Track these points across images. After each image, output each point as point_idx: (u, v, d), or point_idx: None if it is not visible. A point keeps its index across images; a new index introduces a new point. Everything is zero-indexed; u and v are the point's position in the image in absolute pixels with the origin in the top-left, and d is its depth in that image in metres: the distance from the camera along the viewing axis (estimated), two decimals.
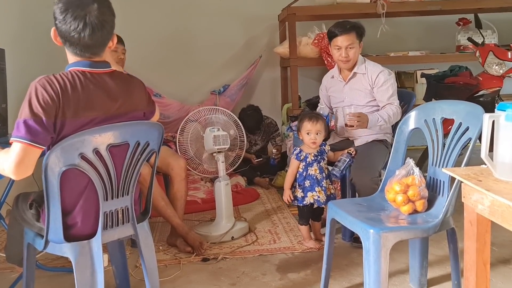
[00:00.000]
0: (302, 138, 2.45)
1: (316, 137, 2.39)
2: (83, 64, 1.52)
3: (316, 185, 2.40)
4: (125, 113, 1.58)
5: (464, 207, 1.34)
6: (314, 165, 2.42)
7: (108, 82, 1.55)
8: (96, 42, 1.50)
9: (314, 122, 2.39)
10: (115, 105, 1.55)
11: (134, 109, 1.61)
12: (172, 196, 2.59)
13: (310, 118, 2.41)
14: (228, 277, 2.21)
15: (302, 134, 2.43)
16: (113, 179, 1.54)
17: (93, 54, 1.53)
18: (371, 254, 1.58)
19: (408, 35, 4.71)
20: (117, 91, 1.56)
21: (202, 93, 4.59)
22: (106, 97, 1.53)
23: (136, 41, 4.30)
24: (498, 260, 2.23)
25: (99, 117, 1.50)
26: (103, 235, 1.57)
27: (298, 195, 2.44)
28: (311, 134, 2.39)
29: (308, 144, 2.42)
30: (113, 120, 1.53)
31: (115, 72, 1.60)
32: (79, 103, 1.46)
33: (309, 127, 2.39)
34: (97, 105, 1.50)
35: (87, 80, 1.50)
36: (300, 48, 3.99)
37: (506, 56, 3.21)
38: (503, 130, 1.25)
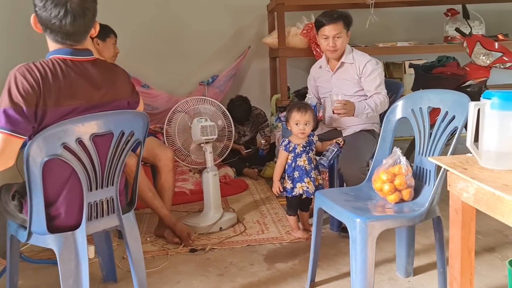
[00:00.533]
0: (291, 128, 2.43)
1: (305, 127, 2.38)
2: (65, 52, 1.49)
3: (305, 176, 2.39)
4: (109, 102, 1.55)
5: (450, 195, 1.34)
6: (302, 156, 2.41)
7: (91, 70, 1.52)
8: (77, 30, 1.47)
9: (303, 112, 2.38)
10: (98, 94, 1.52)
11: (118, 98, 1.59)
12: (160, 187, 2.57)
13: (299, 109, 2.39)
14: (216, 267, 2.21)
15: (291, 124, 2.42)
16: (97, 169, 1.52)
17: (75, 41, 1.50)
18: (358, 243, 1.58)
19: (397, 25, 4.72)
20: (100, 80, 1.53)
21: (191, 84, 4.55)
22: (88, 85, 1.50)
23: (123, 31, 4.20)
24: (483, 248, 2.26)
25: (82, 106, 1.47)
26: (88, 226, 1.55)
27: (287, 186, 2.43)
28: (300, 124, 2.38)
29: (297, 135, 2.41)
30: (96, 109, 1.51)
31: (98, 60, 1.57)
32: (61, 92, 1.43)
33: (297, 117, 2.38)
34: (79, 93, 1.47)
35: (68, 68, 1.47)
36: (289, 39, 3.97)
37: (493, 46, 3.22)
38: (488, 118, 1.25)
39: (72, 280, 1.53)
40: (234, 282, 2.06)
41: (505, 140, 1.23)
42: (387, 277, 2.04)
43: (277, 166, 2.48)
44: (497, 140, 1.24)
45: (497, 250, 2.24)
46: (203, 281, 2.09)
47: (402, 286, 1.97)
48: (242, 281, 2.07)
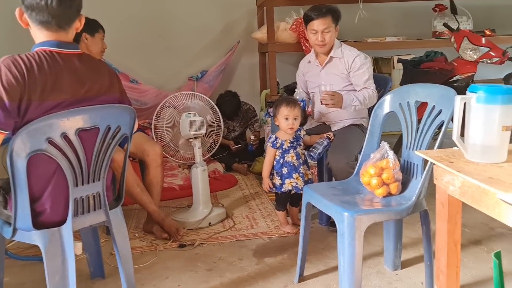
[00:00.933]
0: (279, 123, 2.41)
1: (293, 122, 2.37)
2: (51, 44, 1.47)
3: (294, 172, 2.39)
4: (95, 97, 1.53)
5: (436, 188, 1.35)
6: (290, 152, 2.40)
7: (77, 64, 1.50)
8: (63, 13, 1.46)
9: (291, 107, 2.36)
10: (84, 88, 1.50)
11: (104, 92, 1.57)
12: (148, 182, 2.55)
13: (287, 103, 2.38)
14: (205, 262, 2.20)
15: (279, 119, 2.40)
16: (83, 164, 1.50)
17: (60, 26, 1.48)
18: (346, 237, 1.59)
19: (386, 21, 4.73)
20: (86, 74, 1.52)
21: (180, 79, 4.52)
22: (74, 79, 1.48)
23: (111, 25, 4.16)
24: (470, 241, 2.28)
25: (67, 100, 1.45)
26: (74, 222, 1.54)
27: (276, 182, 2.43)
28: (289, 119, 2.36)
29: (285, 130, 2.40)
30: (82, 103, 1.49)
31: (84, 55, 1.55)
32: (46, 85, 1.41)
33: (286, 112, 2.36)
34: (65, 87, 1.45)
35: (54, 61, 1.45)
36: (278, 34, 3.96)
37: (480, 41, 3.25)
38: (474, 112, 1.26)
39: (59, 276, 1.51)
40: (223, 277, 2.06)
41: (490, 133, 1.24)
42: (375, 271, 2.05)
43: (265, 162, 2.47)
44: (483, 133, 1.25)
45: (483, 243, 2.27)
46: (192, 276, 2.08)
47: (390, 279, 1.98)
48: (231, 276, 2.07)
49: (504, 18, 4.84)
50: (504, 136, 1.25)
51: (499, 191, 1.03)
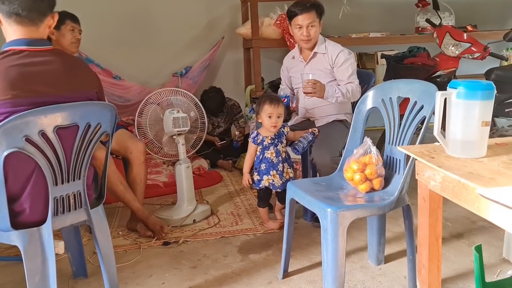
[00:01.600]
0: (262, 121, 2.39)
1: (277, 120, 2.35)
2: (21, 42, 1.44)
3: (272, 169, 2.38)
4: (72, 92, 1.50)
5: (418, 184, 1.36)
6: (270, 149, 2.39)
7: (49, 61, 1.47)
8: (34, 4, 1.43)
9: (275, 105, 2.34)
10: (57, 85, 1.47)
11: (80, 88, 1.54)
12: (132, 180, 2.52)
13: (271, 101, 2.35)
14: (189, 260, 2.19)
15: (262, 117, 2.37)
16: (62, 163, 1.48)
17: (31, 20, 1.45)
18: (329, 233, 1.59)
19: (369, 16, 4.75)
20: (60, 70, 1.48)
21: (164, 75, 4.48)
22: (47, 76, 1.45)
23: (94, 20, 4.13)
24: (452, 235, 2.31)
25: (40, 98, 1.42)
26: (54, 221, 1.51)
27: (255, 178, 2.43)
28: (272, 117, 2.33)
29: (268, 128, 2.37)
30: (57, 100, 1.45)
31: (56, 51, 1.52)
32: (17, 83, 1.37)
33: (270, 110, 2.33)
34: (37, 84, 1.42)
35: (25, 58, 1.41)
36: (263, 29, 3.94)
37: (462, 37, 3.28)
38: (454, 107, 1.27)
39: (39, 277, 1.49)
40: (207, 274, 2.05)
41: (470, 129, 1.26)
42: (359, 265, 2.07)
43: (246, 158, 2.47)
44: (463, 129, 1.26)
45: (465, 236, 2.30)
46: (176, 274, 2.07)
47: (373, 273, 2.00)
48: (215, 273, 2.06)
49: (485, 14, 4.90)
50: (483, 131, 1.26)
51: (478, 186, 1.04)
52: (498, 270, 1.94)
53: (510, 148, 1.35)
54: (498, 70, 3.39)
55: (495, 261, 2.04)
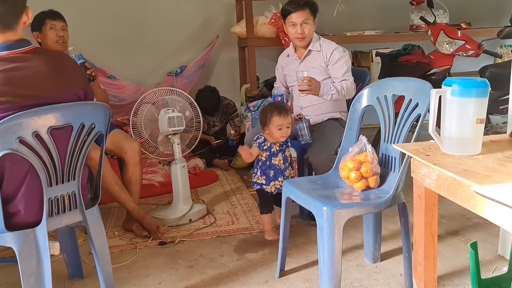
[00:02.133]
0: (269, 133, 2.22)
1: (287, 130, 2.21)
2: (1, 48, 1.43)
3: (280, 175, 2.27)
4: (60, 92, 1.49)
5: (413, 181, 1.37)
6: (278, 156, 2.26)
7: (33, 62, 1.45)
8: (7, 11, 1.42)
9: (284, 116, 2.18)
10: (45, 86, 1.45)
11: (68, 86, 1.53)
12: (127, 180, 2.52)
13: (279, 112, 2.18)
14: (186, 259, 2.19)
15: (271, 129, 2.20)
16: (56, 163, 1.47)
17: (6, 26, 1.43)
18: (325, 231, 1.59)
19: (364, 14, 4.75)
20: (45, 70, 1.47)
21: (159, 75, 4.47)
22: (33, 79, 1.43)
23: (88, 20, 4.12)
24: (447, 232, 2.32)
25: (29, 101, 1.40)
26: (49, 222, 1.50)
27: (260, 181, 2.28)
28: (283, 128, 2.18)
29: (278, 139, 2.23)
30: (46, 102, 1.44)
31: (37, 49, 1.51)
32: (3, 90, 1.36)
33: (280, 122, 2.17)
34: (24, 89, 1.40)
35: (8, 64, 1.40)
36: (257, 28, 3.94)
37: (456, 35, 3.29)
38: (449, 105, 1.27)
39: (34, 278, 1.48)
40: (203, 274, 2.05)
41: (465, 126, 1.26)
42: (355, 264, 2.07)
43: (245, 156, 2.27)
44: (458, 126, 1.27)
45: (461, 234, 2.31)
46: (172, 273, 2.07)
47: (370, 271, 2.00)
48: (212, 272, 2.06)
49: (479, 11, 4.92)
50: (478, 128, 1.27)
51: (473, 184, 1.04)
52: (493, 267, 1.95)
53: (505, 145, 1.35)
54: (492, 67, 3.41)
55: (491, 257, 2.04)
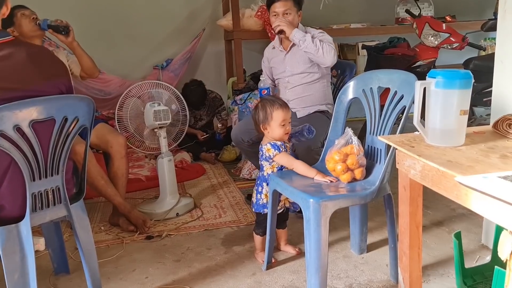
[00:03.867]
0: (271, 131, 1.94)
1: (289, 127, 1.96)
2: None
3: None
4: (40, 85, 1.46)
5: (399, 173, 1.38)
6: None
7: (12, 54, 1.42)
8: None
9: (287, 109, 1.94)
10: (25, 78, 1.43)
11: (49, 79, 1.50)
12: (113, 174, 2.49)
13: (281, 105, 1.93)
14: (173, 253, 2.18)
15: (273, 126, 1.92)
16: (39, 158, 1.45)
17: None
18: (311, 223, 1.60)
19: (350, 7, 4.75)
20: (24, 62, 1.44)
21: (144, 68, 4.42)
22: (12, 71, 1.41)
23: (72, 12, 4.04)
24: (432, 222, 2.35)
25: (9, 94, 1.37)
26: (33, 217, 1.48)
27: (266, 200, 1.95)
28: (286, 124, 1.93)
29: (281, 137, 1.95)
30: (27, 94, 1.41)
31: (16, 41, 1.48)
32: None
33: (284, 115, 1.91)
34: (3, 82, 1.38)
35: None
36: (244, 21, 3.92)
37: (441, 27, 3.31)
38: (434, 96, 1.28)
39: (18, 274, 1.46)
40: (191, 267, 2.04)
41: (449, 117, 1.27)
42: (341, 255, 2.09)
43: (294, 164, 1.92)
44: (442, 118, 1.28)
45: (445, 224, 2.34)
46: (160, 268, 2.06)
47: (356, 262, 2.02)
48: (199, 266, 2.06)
49: (463, 4, 4.96)
50: (462, 120, 1.28)
51: (457, 174, 1.05)
52: (477, 256, 1.98)
53: (487, 136, 1.37)
54: (476, 60, 3.44)
55: (474, 247, 2.08)
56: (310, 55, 2.44)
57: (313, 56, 2.44)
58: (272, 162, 1.95)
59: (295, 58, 2.54)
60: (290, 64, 2.56)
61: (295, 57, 2.55)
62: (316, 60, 2.45)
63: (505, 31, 1.84)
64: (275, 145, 1.92)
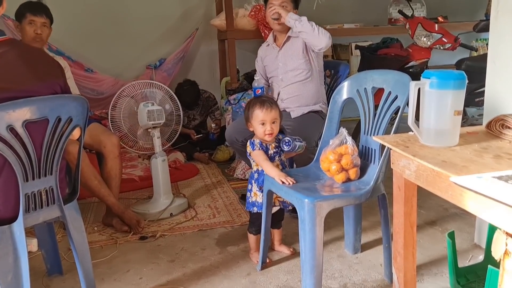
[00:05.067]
0: (254, 129, 1.96)
1: (273, 127, 1.92)
2: None
3: None
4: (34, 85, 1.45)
5: (393, 173, 1.38)
6: (275, 160, 1.96)
7: (5, 53, 1.41)
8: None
9: (267, 109, 1.90)
10: (18, 79, 1.42)
11: (43, 80, 1.49)
12: (106, 174, 2.48)
13: (261, 105, 1.91)
14: (167, 254, 2.17)
15: (254, 125, 1.94)
16: (32, 158, 1.44)
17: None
18: (306, 223, 1.60)
19: (343, 7, 4.77)
20: (18, 63, 1.43)
21: (138, 68, 4.41)
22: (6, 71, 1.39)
23: (65, 11, 4.01)
24: (426, 222, 2.37)
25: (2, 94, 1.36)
26: (26, 218, 1.47)
27: (258, 199, 1.97)
28: (266, 124, 1.91)
29: (262, 137, 1.93)
30: (20, 95, 1.40)
31: (11, 40, 1.46)
32: None
33: (262, 116, 1.90)
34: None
35: None
36: (237, 20, 3.92)
37: (433, 28, 3.33)
38: (428, 97, 1.29)
39: (11, 276, 1.45)
40: (185, 268, 2.04)
41: (443, 118, 1.28)
42: (336, 255, 2.09)
43: (264, 163, 1.89)
44: (436, 118, 1.29)
45: (438, 223, 2.35)
46: (154, 268, 2.05)
47: (350, 262, 2.02)
48: (194, 266, 2.05)
49: (455, 5, 5.00)
50: (456, 120, 1.29)
51: (451, 174, 1.06)
52: (470, 256, 2.00)
53: (481, 136, 1.38)
54: (468, 60, 3.47)
55: (467, 246, 2.09)
56: (305, 36, 2.42)
57: (308, 36, 2.41)
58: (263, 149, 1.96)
59: (288, 53, 2.55)
60: (283, 60, 2.56)
61: (288, 52, 2.55)
62: (311, 41, 2.43)
63: (498, 31, 1.86)
64: (252, 143, 1.95)
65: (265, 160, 1.91)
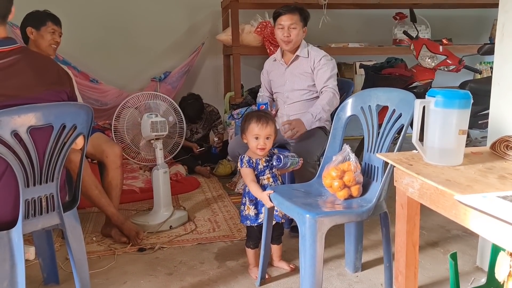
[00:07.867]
0: (247, 141, 2.00)
1: (266, 142, 1.95)
2: None
3: None
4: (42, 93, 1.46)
5: (396, 190, 1.37)
6: (266, 173, 1.97)
7: (17, 61, 1.42)
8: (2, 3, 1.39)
9: (263, 124, 1.94)
10: (28, 86, 1.43)
11: (51, 88, 1.50)
12: (107, 184, 2.47)
13: (258, 119, 1.95)
14: (165, 266, 2.15)
15: (248, 137, 1.97)
16: (35, 164, 1.43)
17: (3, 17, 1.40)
18: (307, 239, 1.58)
19: (348, 27, 4.82)
20: (28, 70, 1.44)
21: (142, 80, 4.44)
22: (16, 78, 1.40)
23: (72, 22, 4.03)
24: (427, 243, 2.34)
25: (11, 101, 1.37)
26: (25, 224, 1.46)
27: (251, 213, 1.97)
28: (259, 139, 1.94)
29: (254, 151, 1.97)
30: (28, 102, 1.40)
31: (22, 49, 1.48)
32: None
33: (256, 130, 1.93)
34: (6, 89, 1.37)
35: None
36: (243, 36, 3.95)
37: (438, 49, 3.36)
38: (433, 115, 1.29)
39: (7, 282, 1.43)
40: (183, 281, 2.01)
41: (448, 136, 1.28)
42: (336, 273, 2.07)
43: (250, 184, 1.93)
44: (441, 136, 1.28)
45: (440, 245, 2.33)
46: (151, 281, 2.03)
47: (350, 281, 2.00)
48: (192, 280, 2.03)
49: (460, 28, 5.05)
50: (460, 139, 1.29)
51: (455, 193, 1.05)
52: (472, 278, 1.97)
53: (485, 157, 1.38)
54: (472, 82, 3.48)
55: (469, 269, 2.07)
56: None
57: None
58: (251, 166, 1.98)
59: (295, 72, 2.56)
60: (291, 79, 2.57)
61: (295, 71, 2.57)
62: None
63: (503, 54, 1.87)
64: (241, 159, 1.98)
65: (252, 181, 1.93)
